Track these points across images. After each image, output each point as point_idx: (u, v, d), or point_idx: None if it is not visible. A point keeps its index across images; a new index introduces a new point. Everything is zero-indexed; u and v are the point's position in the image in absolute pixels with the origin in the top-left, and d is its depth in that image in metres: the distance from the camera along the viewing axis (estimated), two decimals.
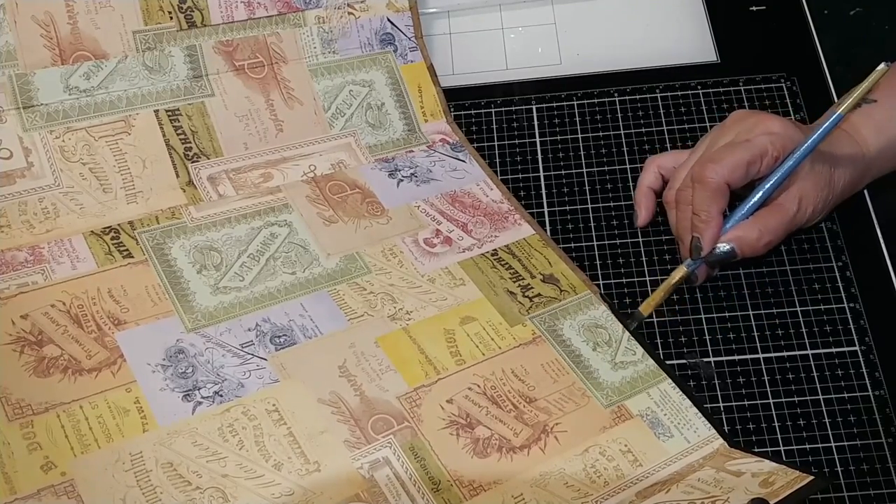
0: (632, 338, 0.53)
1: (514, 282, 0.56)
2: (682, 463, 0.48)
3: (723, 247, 0.52)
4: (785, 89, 0.64)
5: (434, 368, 0.51)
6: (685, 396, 0.51)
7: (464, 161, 0.62)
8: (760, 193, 0.53)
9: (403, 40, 0.64)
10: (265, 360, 0.51)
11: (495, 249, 0.58)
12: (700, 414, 0.50)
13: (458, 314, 0.54)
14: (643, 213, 0.58)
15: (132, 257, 0.54)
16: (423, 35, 0.65)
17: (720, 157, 0.52)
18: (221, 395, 0.49)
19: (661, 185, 0.58)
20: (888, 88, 0.54)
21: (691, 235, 0.53)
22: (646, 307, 0.54)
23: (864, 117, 0.55)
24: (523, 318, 0.54)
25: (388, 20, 0.64)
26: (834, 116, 0.51)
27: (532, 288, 0.56)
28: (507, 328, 0.54)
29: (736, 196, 0.54)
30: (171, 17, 0.59)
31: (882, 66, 0.50)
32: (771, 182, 0.52)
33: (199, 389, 0.49)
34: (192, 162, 0.58)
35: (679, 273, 0.54)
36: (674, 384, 0.51)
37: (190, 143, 0.58)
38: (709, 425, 0.50)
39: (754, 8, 0.68)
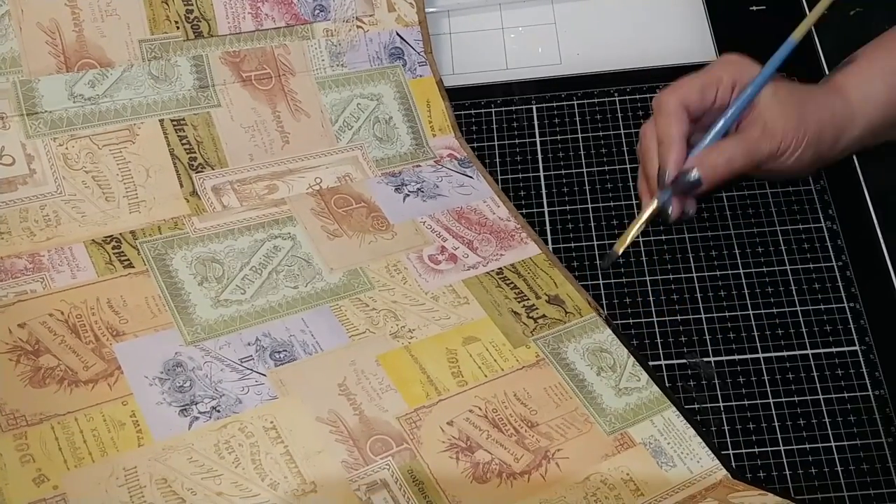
0: (636, 363, 0.52)
1: (519, 302, 0.55)
2: (685, 493, 0.47)
3: (689, 175, 0.53)
4: None
5: (435, 389, 0.51)
6: (689, 425, 0.50)
7: (471, 177, 0.61)
8: (723, 121, 0.54)
9: (412, 54, 0.64)
10: (264, 375, 0.50)
11: (501, 268, 0.57)
12: (704, 444, 0.49)
13: (461, 334, 0.53)
14: (643, 183, 0.58)
15: (133, 267, 0.54)
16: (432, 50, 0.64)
17: (675, 84, 0.54)
18: (219, 411, 0.48)
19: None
20: (868, 52, 0.56)
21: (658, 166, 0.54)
22: (619, 245, 0.55)
23: (846, 73, 0.55)
24: (527, 340, 0.53)
25: (398, 34, 0.63)
26: (787, 42, 0.52)
27: (537, 309, 0.55)
28: (510, 349, 0.53)
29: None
30: (178, 27, 0.58)
31: None
32: (732, 109, 0.53)
33: (196, 404, 0.49)
34: (197, 172, 0.58)
35: (650, 206, 0.54)
36: (678, 412, 0.50)
37: (195, 153, 0.58)
38: (712, 456, 0.49)
39: (754, 8, 0.68)
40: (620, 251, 0.55)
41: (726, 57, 0.56)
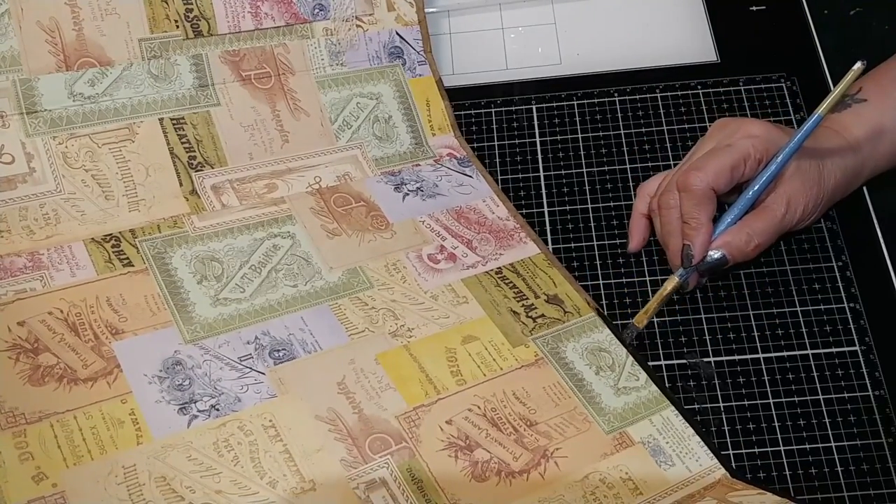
0: (635, 363, 0.52)
1: (518, 301, 0.55)
2: (683, 493, 0.47)
3: (714, 254, 0.53)
4: (785, 89, 0.64)
5: (434, 388, 0.51)
6: (688, 425, 0.50)
7: (471, 176, 0.62)
8: (747, 197, 0.53)
9: (412, 54, 0.64)
10: (263, 374, 0.50)
11: (500, 268, 0.57)
12: (702, 443, 0.49)
13: (460, 333, 0.53)
14: (635, 239, 0.57)
15: (132, 266, 0.54)
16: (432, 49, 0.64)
17: (703, 164, 0.52)
18: (218, 409, 0.48)
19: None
20: (876, 86, 0.55)
21: (682, 243, 0.53)
22: (640, 319, 0.54)
23: (855, 116, 0.55)
24: (526, 339, 0.53)
25: (397, 34, 0.63)
26: (814, 116, 0.51)
27: (536, 308, 0.55)
28: (509, 349, 0.53)
29: (724, 204, 0.54)
30: (178, 26, 0.58)
31: (858, 64, 0.50)
32: (757, 185, 0.53)
33: (195, 402, 0.49)
34: (196, 171, 0.58)
35: (671, 283, 0.54)
36: (676, 412, 0.50)
37: (194, 151, 0.58)
38: (711, 455, 0.49)
39: (754, 8, 0.69)
40: (642, 326, 0.54)
41: (748, 128, 0.53)
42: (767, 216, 0.53)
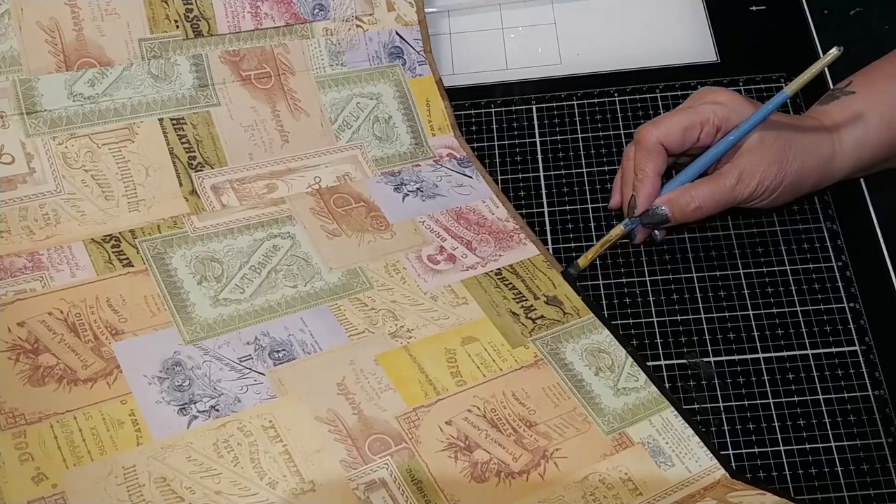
0: (635, 363, 0.52)
1: (518, 302, 0.55)
2: (683, 493, 0.47)
3: (657, 209, 0.54)
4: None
5: (434, 389, 0.51)
6: (687, 425, 0.50)
7: (470, 177, 0.61)
8: (701, 162, 0.54)
9: (412, 54, 0.64)
10: (263, 374, 0.50)
11: (499, 269, 0.57)
12: (702, 443, 0.49)
13: (459, 334, 0.53)
14: (616, 196, 0.59)
15: (132, 266, 0.54)
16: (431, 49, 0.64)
17: (660, 120, 0.54)
18: (218, 410, 0.48)
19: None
20: (866, 81, 0.55)
21: (631, 196, 0.54)
22: (583, 260, 0.56)
23: (839, 106, 0.55)
24: (525, 340, 0.53)
25: (397, 34, 0.63)
26: (779, 95, 0.51)
27: (535, 309, 0.55)
28: (508, 350, 0.53)
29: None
30: (178, 26, 0.58)
31: (834, 49, 0.49)
32: (711, 152, 0.53)
33: (195, 403, 0.49)
34: (196, 171, 0.58)
35: (617, 231, 0.55)
36: (676, 412, 0.50)
37: (194, 152, 0.58)
38: (710, 455, 0.49)
39: (754, 8, 0.69)
40: (582, 265, 0.56)
41: (715, 95, 0.54)
42: (716, 183, 0.53)
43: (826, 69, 0.64)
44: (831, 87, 0.64)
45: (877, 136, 0.54)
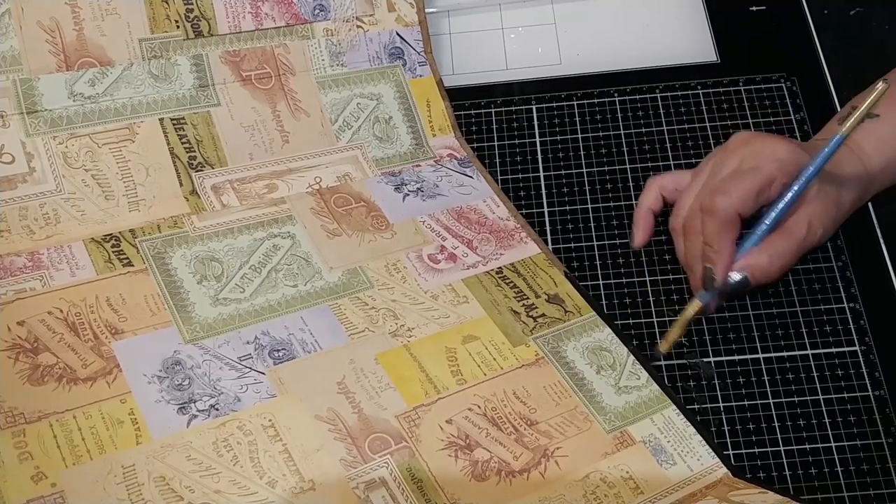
0: (636, 362, 0.52)
1: (519, 301, 0.55)
2: (685, 492, 0.47)
3: (735, 276, 0.51)
4: (785, 89, 0.64)
5: (434, 387, 0.51)
6: (689, 423, 0.50)
7: (471, 177, 0.61)
8: (770, 220, 0.51)
9: (412, 54, 0.64)
10: (263, 374, 0.50)
11: (500, 267, 0.57)
12: (704, 442, 0.49)
13: (460, 332, 0.53)
14: (640, 234, 0.57)
15: (132, 266, 0.54)
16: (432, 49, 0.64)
17: (729, 186, 0.51)
18: (217, 409, 0.48)
19: (661, 206, 0.57)
20: (890, 104, 0.54)
21: (703, 266, 0.52)
22: (664, 345, 0.53)
23: (867, 133, 0.54)
24: (526, 339, 0.53)
25: (398, 34, 0.63)
26: (837, 137, 0.50)
27: (536, 308, 0.55)
28: (509, 348, 0.53)
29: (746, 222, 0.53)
30: (178, 26, 0.58)
31: (881, 84, 0.49)
32: (779, 208, 0.51)
33: (194, 402, 0.48)
34: (196, 171, 0.58)
35: (694, 307, 0.52)
36: (678, 411, 0.50)
37: (194, 152, 0.58)
38: (712, 454, 0.49)
39: (754, 8, 0.69)
40: (665, 351, 0.54)
41: (777, 149, 0.52)
42: (789, 238, 0.51)
43: (828, 72, 0.64)
44: (832, 87, 0.64)
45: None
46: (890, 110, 0.54)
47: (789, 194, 0.51)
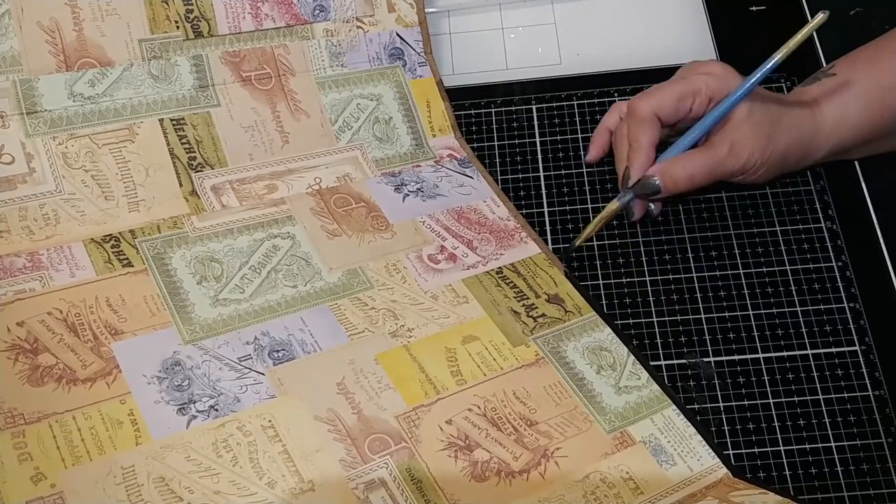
0: (636, 362, 0.52)
1: (519, 301, 0.55)
2: (685, 492, 0.47)
3: (650, 180, 0.54)
4: (785, 89, 0.64)
5: (434, 388, 0.51)
6: (689, 424, 0.50)
7: (471, 177, 0.61)
8: (693, 133, 0.54)
9: (412, 55, 0.64)
10: (263, 374, 0.50)
11: (500, 268, 0.57)
12: (704, 442, 0.49)
13: (460, 333, 0.53)
14: (594, 150, 0.60)
15: (132, 266, 0.53)
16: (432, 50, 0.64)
17: (652, 91, 0.55)
18: (217, 410, 0.48)
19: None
20: (847, 62, 0.56)
21: (625, 166, 0.55)
22: (578, 240, 0.57)
23: (819, 86, 0.55)
24: (527, 339, 0.53)
25: (398, 35, 0.63)
26: (769, 62, 0.52)
27: (536, 308, 0.55)
28: (509, 348, 0.53)
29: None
30: (178, 27, 0.58)
31: (820, 14, 0.50)
32: (703, 122, 0.54)
33: (194, 403, 0.48)
34: (196, 172, 0.58)
35: (611, 206, 0.55)
36: (678, 411, 0.50)
37: (194, 152, 0.58)
38: (713, 454, 0.49)
39: (754, 8, 0.69)
40: (577, 243, 0.57)
41: (707, 66, 0.55)
42: (707, 153, 0.53)
43: (824, 62, 0.64)
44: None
45: (856, 115, 0.55)
46: (846, 68, 0.55)
47: (716, 111, 0.53)
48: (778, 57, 0.51)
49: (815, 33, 0.66)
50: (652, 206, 0.56)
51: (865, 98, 0.54)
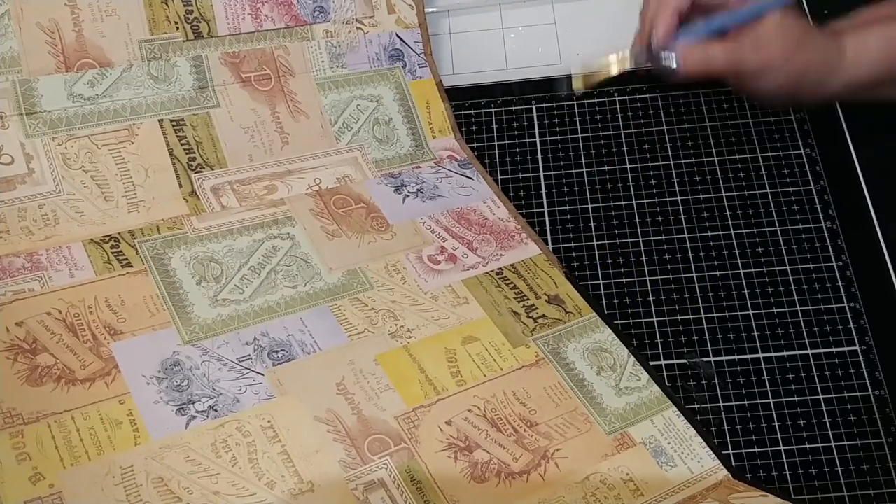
0: (637, 363, 0.52)
1: (519, 302, 0.55)
2: (685, 494, 0.47)
3: (669, 55, 0.53)
4: None
5: (434, 388, 0.50)
6: (690, 425, 0.49)
7: (471, 178, 0.61)
8: (721, 19, 0.54)
9: (412, 56, 0.64)
10: (262, 375, 0.50)
11: (500, 268, 0.57)
12: (704, 444, 0.49)
13: (460, 333, 0.53)
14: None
15: (131, 266, 0.53)
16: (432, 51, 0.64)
17: None
18: (216, 410, 0.48)
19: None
20: (873, 8, 0.56)
21: (649, 30, 0.54)
22: (579, 81, 0.56)
23: (849, 22, 0.56)
24: (527, 340, 0.53)
25: (397, 36, 0.63)
26: None
27: (536, 309, 0.55)
28: (509, 349, 0.53)
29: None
30: (178, 28, 0.58)
31: None
32: (731, 14, 0.53)
33: (193, 403, 0.48)
34: (196, 172, 0.58)
35: (623, 61, 0.56)
36: (678, 412, 0.50)
37: (194, 153, 0.58)
38: (713, 456, 0.48)
39: None
40: (582, 87, 0.57)
41: None
42: (732, 46, 0.53)
43: None
44: None
45: (876, 49, 0.54)
46: (873, 13, 0.56)
47: (749, 9, 0.53)
48: None
49: None
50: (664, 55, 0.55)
51: (886, 34, 0.54)
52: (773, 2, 0.53)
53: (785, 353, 0.53)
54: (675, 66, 0.53)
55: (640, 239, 0.58)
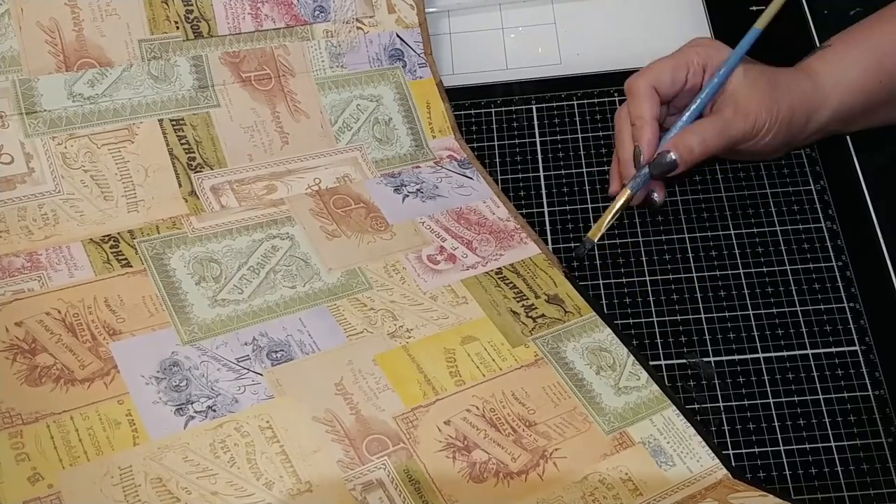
0: (636, 362, 0.52)
1: (518, 302, 0.55)
2: (684, 493, 0.47)
3: (664, 156, 0.54)
4: None
5: (433, 388, 0.50)
6: (689, 424, 0.49)
7: (471, 178, 0.61)
8: (696, 103, 0.55)
9: (412, 56, 0.63)
10: (261, 375, 0.50)
11: (500, 268, 0.57)
12: (704, 443, 0.49)
13: (459, 333, 0.53)
14: (615, 182, 0.59)
15: (130, 266, 0.53)
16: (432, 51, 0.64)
17: (645, 67, 0.55)
18: (215, 410, 0.48)
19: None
20: (844, 37, 0.56)
21: (634, 146, 0.55)
22: (594, 232, 0.56)
23: (818, 57, 0.56)
24: (526, 339, 0.53)
25: (398, 36, 0.63)
26: (752, 30, 0.54)
27: (536, 308, 0.55)
28: (508, 349, 0.53)
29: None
30: (178, 27, 0.58)
31: None
32: (705, 91, 0.54)
33: (192, 403, 0.48)
34: (196, 172, 0.58)
35: (624, 195, 0.55)
36: (678, 411, 0.50)
37: (194, 153, 0.58)
38: (712, 455, 0.48)
39: (754, 8, 0.68)
40: (596, 239, 0.56)
41: (696, 40, 0.57)
42: (716, 119, 0.54)
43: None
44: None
45: (855, 78, 0.55)
46: (842, 41, 0.56)
47: (713, 81, 0.54)
48: (760, 23, 0.53)
49: (815, 35, 0.66)
50: (655, 194, 0.56)
51: (862, 62, 0.55)
52: (731, 61, 0.54)
53: (785, 353, 0.53)
54: (672, 161, 0.54)
55: (640, 239, 0.58)
